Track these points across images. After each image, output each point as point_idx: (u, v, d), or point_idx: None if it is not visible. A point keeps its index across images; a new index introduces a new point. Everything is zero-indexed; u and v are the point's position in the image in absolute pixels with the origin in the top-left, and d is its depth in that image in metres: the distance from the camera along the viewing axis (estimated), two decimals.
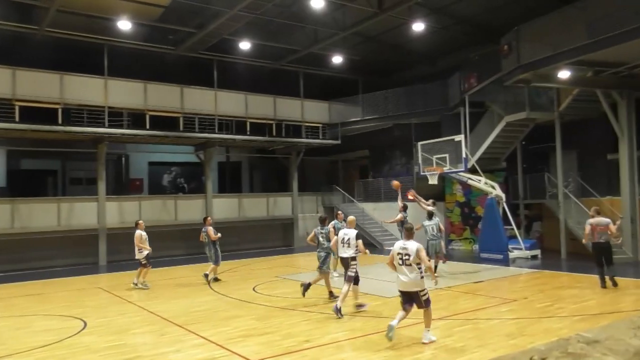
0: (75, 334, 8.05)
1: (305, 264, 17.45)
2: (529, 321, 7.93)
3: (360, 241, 8.98)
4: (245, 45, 19.74)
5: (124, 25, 17.09)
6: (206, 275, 12.69)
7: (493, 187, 16.07)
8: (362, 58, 22.47)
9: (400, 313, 6.94)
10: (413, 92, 21.97)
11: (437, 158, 15.60)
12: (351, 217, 9.63)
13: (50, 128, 16.97)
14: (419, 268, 6.85)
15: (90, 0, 15.96)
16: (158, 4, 16.54)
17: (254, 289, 11.62)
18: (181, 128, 19.51)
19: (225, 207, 21.19)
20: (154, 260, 17.55)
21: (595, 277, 10.74)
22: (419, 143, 17.16)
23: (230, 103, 20.88)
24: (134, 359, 6.63)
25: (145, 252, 12.38)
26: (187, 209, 20.31)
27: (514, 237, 16.24)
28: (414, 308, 6.96)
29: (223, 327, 8.19)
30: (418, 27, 17.97)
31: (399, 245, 7.09)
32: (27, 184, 20.04)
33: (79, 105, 17.50)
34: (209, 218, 13.50)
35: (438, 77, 21.54)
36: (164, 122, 19.20)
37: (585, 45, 12.18)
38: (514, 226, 16.26)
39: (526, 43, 13.83)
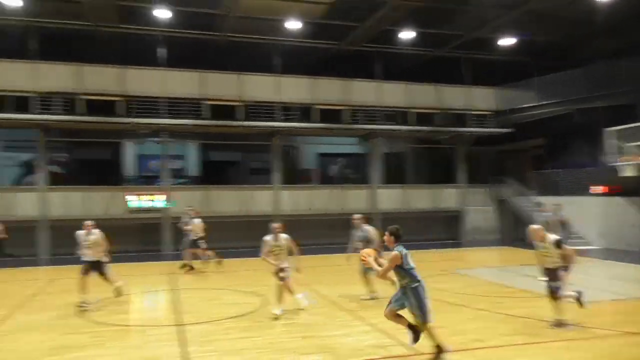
0: (257, 309, 8.84)
1: (475, 259, 16.70)
2: None
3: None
4: (406, 34, 19.50)
5: (294, 24, 18.16)
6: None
7: None
8: (534, 38, 20.54)
9: None
10: (598, 72, 19.36)
11: (634, 146, 13.52)
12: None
13: (232, 123, 19.06)
14: None
15: (264, 4, 17.28)
16: (324, 1, 17.19)
17: None
18: (346, 120, 20.15)
19: (389, 197, 21.32)
20: (322, 247, 18.32)
21: None
22: (608, 129, 15.10)
23: (392, 93, 20.92)
24: (307, 338, 7.03)
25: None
26: (353, 199, 20.90)
27: None
28: None
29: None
30: None
31: None
32: (215, 174, 22.63)
33: (255, 102, 19.21)
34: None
35: (631, 53, 18.63)
36: (330, 114, 20.06)
37: None
38: None
39: None
